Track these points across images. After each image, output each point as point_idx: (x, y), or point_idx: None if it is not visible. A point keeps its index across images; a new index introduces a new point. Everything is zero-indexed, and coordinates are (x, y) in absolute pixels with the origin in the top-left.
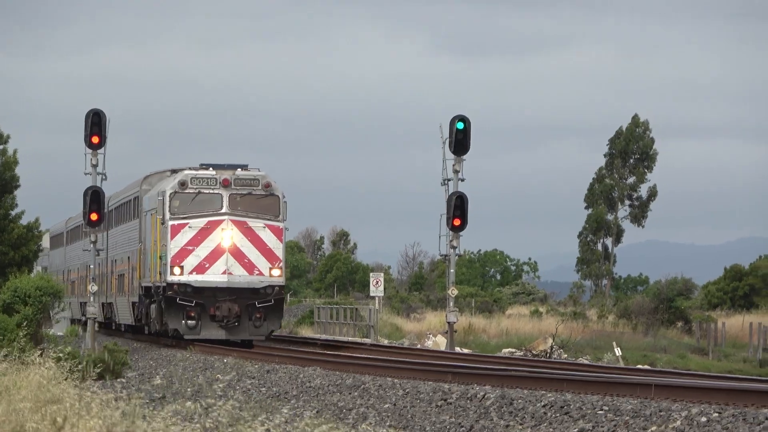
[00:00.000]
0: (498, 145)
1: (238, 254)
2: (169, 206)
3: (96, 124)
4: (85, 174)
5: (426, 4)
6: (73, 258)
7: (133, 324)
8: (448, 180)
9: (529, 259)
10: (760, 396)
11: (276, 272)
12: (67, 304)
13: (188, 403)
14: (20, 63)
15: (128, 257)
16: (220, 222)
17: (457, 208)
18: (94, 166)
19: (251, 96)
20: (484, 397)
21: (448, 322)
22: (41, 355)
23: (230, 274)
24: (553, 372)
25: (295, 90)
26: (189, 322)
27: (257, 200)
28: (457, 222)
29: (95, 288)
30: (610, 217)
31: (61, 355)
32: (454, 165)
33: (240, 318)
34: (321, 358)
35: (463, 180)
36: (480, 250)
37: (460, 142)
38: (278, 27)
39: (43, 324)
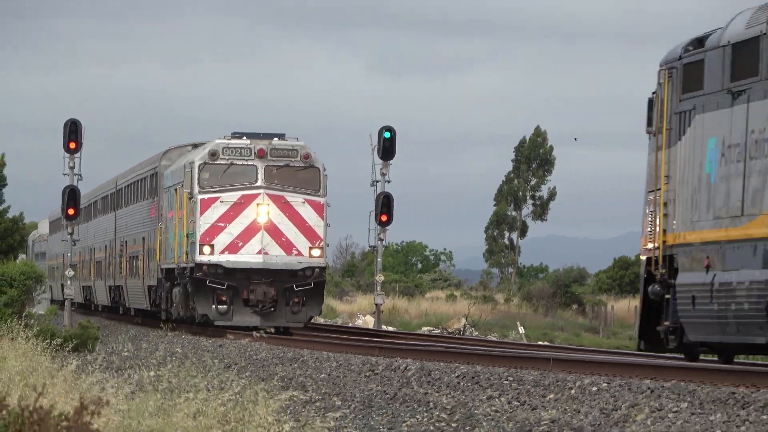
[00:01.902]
0: (422, 152)
1: (274, 232)
2: (198, 179)
3: (73, 131)
4: (64, 174)
5: (363, 31)
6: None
7: (148, 309)
8: (377, 181)
9: (445, 249)
10: (642, 369)
11: (316, 252)
12: (48, 286)
13: (150, 373)
14: (11, 78)
15: (143, 238)
16: (255, 196)
17: (384, 205)
18: (71, 168)
19: (212, 107)
20: (406, 368)
21: (376, 304)
22: (24, 330)
23: (266, 254)
24: (466, 347)
25: (250, 103)
26: (220, 307)
27: (296, 173)
28: (384, 218)
29: (72, 273)
30: (514, 213)
31: (39, 330)
32: (381, 168)
33: (276, 303)
34: (266, 335)
35: (389, 182)
36: (403, 242)
37: (387, 148)
38: (234, 49)
39: (27, 304)
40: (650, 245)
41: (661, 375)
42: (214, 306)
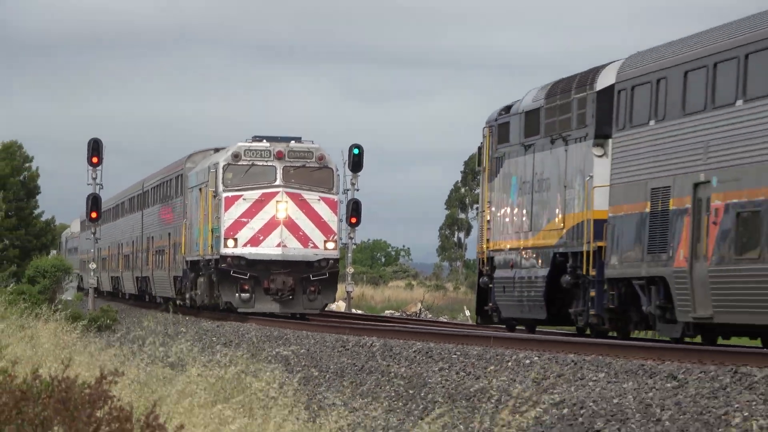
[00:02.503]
0: (386, 165)
1: (292, 226)
2: (222, 178)
3: (95, 148)
4: (88, 184)
5: (337, 64)
6: (104, 239)
7: (173, 297)
8: (347, 190)
9: (405, 246)
10: (567, 345)
11: (331, 245)
12: (79, 276)
13: (161, 348)
14: (43, 103)
15: (168, 233)
16: (274, 194)
17: (354, 210)
18: (94, 178)
19: (209, 129)
20: (371, 345)
21: (347, 291)
22: (54, 314)
23: (285, 246)
24: (421, 327)
25: (240, 125)
26: (243, 295)
27: (311, 173)
28: (353, 220)
29: (94, 266)
30: (462, 216)
31: (67, 314)
32: (351, 179)
33: (294, 291)
34: (256, 318)
35: (358, 190)
36: (370, 240)
37: (356, 162)
38: (229, 80)
39: (57, 291)
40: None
41: (582, 350)
42: (237, 294)
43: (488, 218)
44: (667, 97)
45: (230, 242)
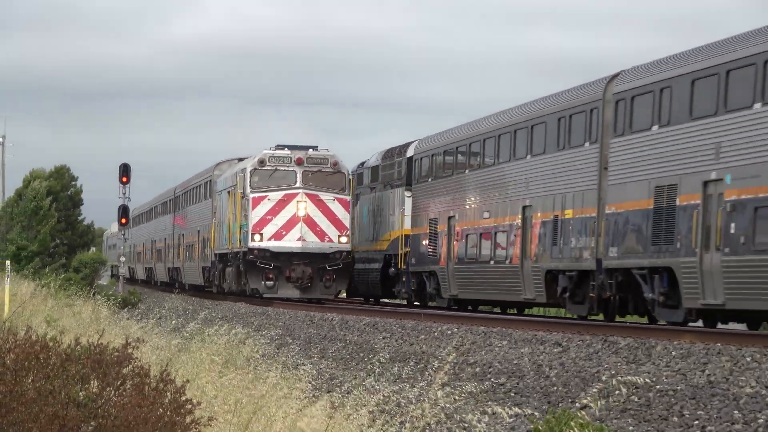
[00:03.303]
0: None
1: (311, 223)
2: (250, 181)
3: (125, 170)
4: (119, 198)
5: (308, 108)
6: (139, 237)
7: (202, 284)
8: None
9: None
10: (479, 320)
11: (344, 239)
12: (123, 264)
13: (173, 322)
14: (85, 138)
15: (198, 231)
16: (295, 195)
17: None
18: (124, 193)
19: (210, 155)
20: (332, 319)
21: None
22: (93, 296)
23: (304, 240)
24: (369, 307)
25: (234, 152)
26: (267, 282)
27: (326, 176)
28: None
29: (123, 259)
30: None
31: (103, 295)
32: None
33: (312, 279)
34: (245, 300)
35: None
36: None
37: None
38: (227, 119)
39: (95, 278)
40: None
41: (490, 324)
42: (263, 282)
43: (351, 231)
44: (455, 160)
45: (257, 237)
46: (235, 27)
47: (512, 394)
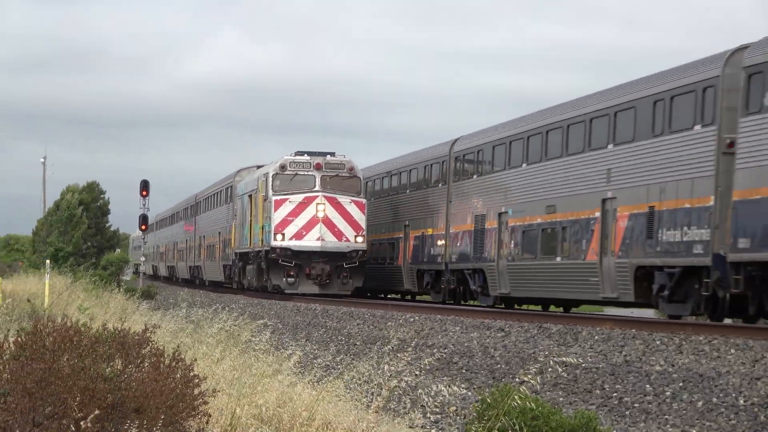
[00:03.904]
0: None
1: (329, 224)
2: (272, 185)
3: (144, 186)
4: (139, 208)
5: (296, 134)
6: (161, 238)
7: (222, 281)
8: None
9: None
10: (436, 310)
11: (360, 239)
12: (143, 263)
13: (182, 311)
14: (110, 159)
15: (218, 232)
16: (315, 197)
17: None
18: (144, 205)
19: (214, 174)
20: (314, 309)
21: None
22: (118, 289)
23: (323, 240)
24: (346, 300)
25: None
26: (289, 279)
27: (343, 180)
28: None
29: (143, 258)
30: None
31: (126, 289)
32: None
33: (330, 276)
34: (243, 293)
35: None
36: None
37: None
38: (228, 144)
39: (120, 274)
40: None
41: (445, 313)
42: (284, 279)
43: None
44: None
45: (279, 236)
46: (235, 68)
47: (464, 371)
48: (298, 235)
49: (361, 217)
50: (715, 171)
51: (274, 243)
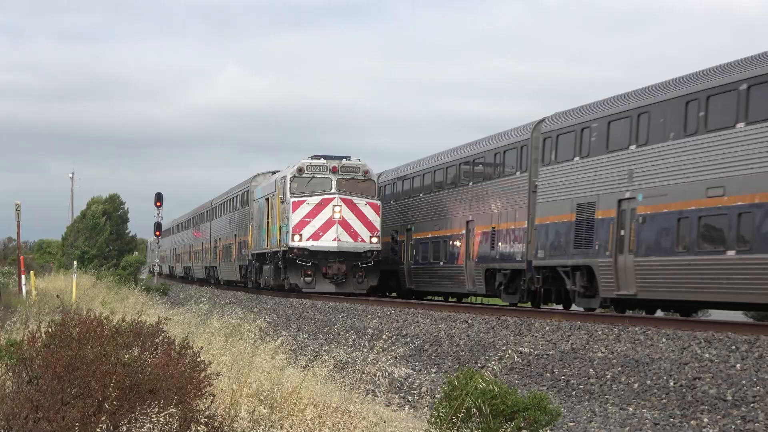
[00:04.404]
0: None
1: (345, 225)
2: (290, 187)
3: (159, 197)
4: (154, 217)
5: (290, 153)
6: (177, 242)
7: (238, 280)
8: None
9: None
10: (409, 304)
11: (374, 240)
12: (158, 264)
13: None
14: (129, 175)
15: (234, 234)
16: (331, 199)
17: None
18: (158, 213)
19: (219, 187)
20: (305, 303)
21: None
22: (135, 286)
23: (339, 240)
24: (332, 296)
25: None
26: (306, 278)
27: (358, 183)
28: None
29: (158, 260)
30: None
31: (143, 286)
32: None
33: (346, 276)
34: (243, 289)
35: None
36: None
37: None
38: (231, 162)
39: (137, 273)
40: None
41: (417, 307)
42: (302, 278)
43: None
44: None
45: (296, 237)
46: (237, 96)
47: (433, 357)
48: (315, 236)
49: (375, 219)
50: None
51: (291, 243)
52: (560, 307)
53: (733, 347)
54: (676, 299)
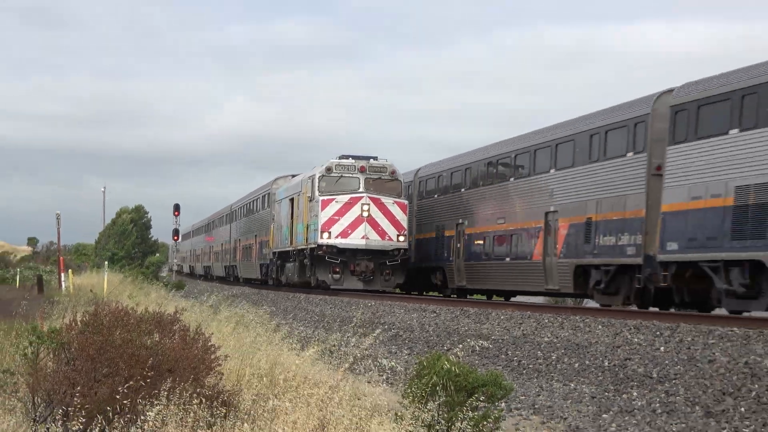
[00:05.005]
0: None
1: (373, 223)
2: (318, 186)
3: (177, 207)
4: (173, 224)
5: (287, 169)
6: (196, 244)
7: (258, 278)
8: None
9: None
10: (387, 296)
11: (401, 238)
12: (177, 265)
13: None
14: (152, 189)
15: (255, 235)
16: (360, 198)
17: None
18: (176, 221)
19: (226, 200)
20: (300, 297)
21: None
22: (156, 282)
23: (367, 238)
24: (323, 292)
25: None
26: (334, 275)
27: (385, 183)
28: None
29: (176, 260)
30: None
31: (163, 283)
32: None
33: (374, 273)
34: (248, 285)
35: None
36: None
37: None
38: (238, 178)
39: (158, 271)
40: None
41: (393, 299)
42: (330, 275)
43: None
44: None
45: (325, 234)
46: (243, 122)
47: (406, 341)
48: (344, 234)
49: (403, 218)
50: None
51: (320, 241)
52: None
53: (658, 333)
54: None
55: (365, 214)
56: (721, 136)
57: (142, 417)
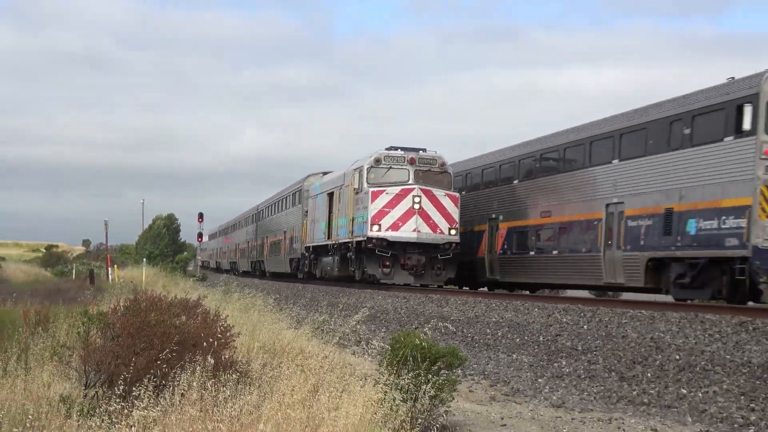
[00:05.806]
0: None
1: (425, 216)
2: (367, 177)
3: (201, 215)
4: (197, 230)
5: (255, 185)
6: (221, 242)
7: (288, 272)
8: None
9: None
10: (375, 286)
11: (453, 232)
12: (202, 261)
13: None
14: (182, 200)
15: (284, 231)
16: (411, 189)
17: None
18: (200, 226)
19: (237, 210)
20: (298, 286)
21: None
22: (184, 275)
23: (419, 231)
24: (322, 283)
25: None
26: (384, 269)
27: (434, 175)
28: None
29: (200, 256)
30: None
31: (189, 275)
32: None
33: (425, 267)
34: (261, 278)
35: None
36: None
37: None
38: (251, 192)
39: (186, 267)
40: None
41: (378, 288)
42: (380, 269)
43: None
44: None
45: (375, 227)
46: (255, 147)
47: (383, 321)
48: (395, 226)
49: (454, 210)
50: None
51: (370, 233)
52: None
53: (582, 314)
54: None
55: (416, 206)
56: None
57: (174, 382)
